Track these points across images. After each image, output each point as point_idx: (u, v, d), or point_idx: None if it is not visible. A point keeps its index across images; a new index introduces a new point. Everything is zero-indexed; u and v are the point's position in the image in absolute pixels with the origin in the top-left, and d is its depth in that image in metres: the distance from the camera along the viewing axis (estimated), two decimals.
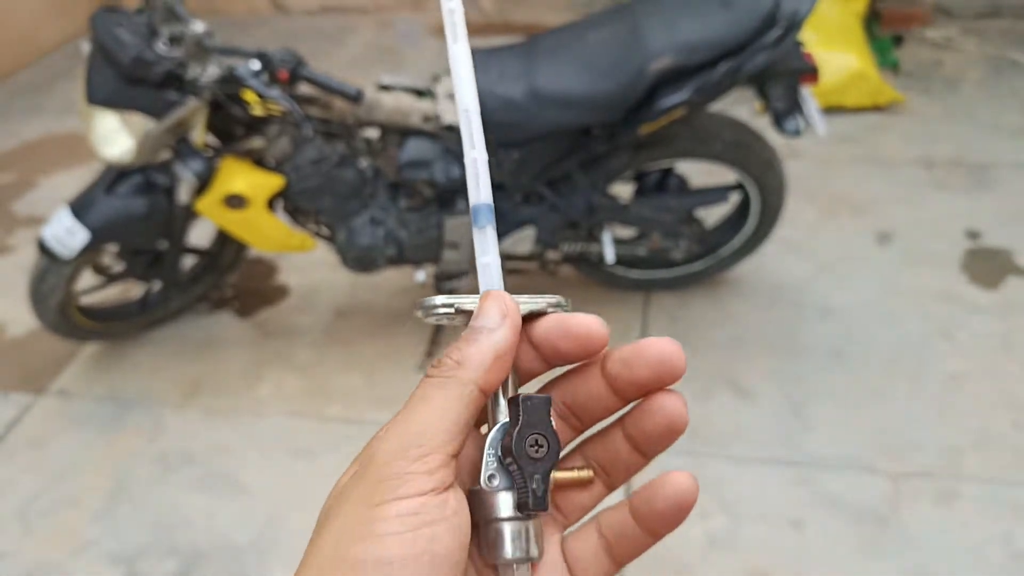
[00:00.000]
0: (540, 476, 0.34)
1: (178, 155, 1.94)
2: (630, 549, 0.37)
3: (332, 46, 4.35)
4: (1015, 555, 1.71)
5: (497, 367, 0.33)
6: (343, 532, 0.31)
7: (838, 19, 3.37)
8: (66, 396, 2.28)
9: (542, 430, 0.34)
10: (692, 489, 0.35)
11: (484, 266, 0.36)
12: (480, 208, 0.37)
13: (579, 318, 0.35)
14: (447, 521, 0.31)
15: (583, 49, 1.89)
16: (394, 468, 0.31)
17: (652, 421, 0.35)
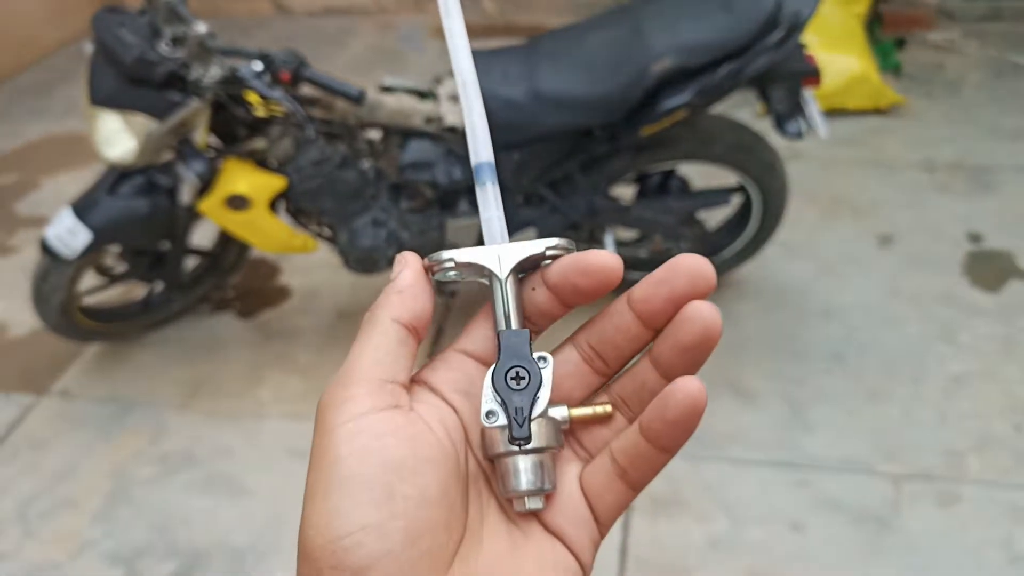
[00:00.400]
0: (521, 407, 0.35)
1: (180, 156, 1.95)
2: (644, 470, 0.37)
3: (334, 48, 4.35)
4: (1015, 558, 1.71)
5: (402, 300, 0.36)
6: (312, 467, 0.33)
7: (840, 22, 3.37)
8: (67, 397, 2.28)
9: (522, 362, 0.35)
10: (701, 392, 0.35)
11: (487, 220, 0.38)
12: (481, 166, 0.39)
13: (595, 254, 0.36)
14: (394, 434, 0.33)
15: (585, 51, 1.90)
16: (334, 400, 0.34)
17: (687, 330, 0.35)
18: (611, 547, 1.79)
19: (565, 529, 0.37)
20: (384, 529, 0.31)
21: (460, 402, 0.38)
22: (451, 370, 0.38)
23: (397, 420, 0.34)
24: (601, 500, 0.37)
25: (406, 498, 0.32)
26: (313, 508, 0.32)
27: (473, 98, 0.39)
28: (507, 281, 0.37)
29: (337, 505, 0.32)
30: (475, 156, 0.39)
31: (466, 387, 0.38)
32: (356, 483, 0.32)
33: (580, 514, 0.37)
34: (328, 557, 0.31)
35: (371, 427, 0.33)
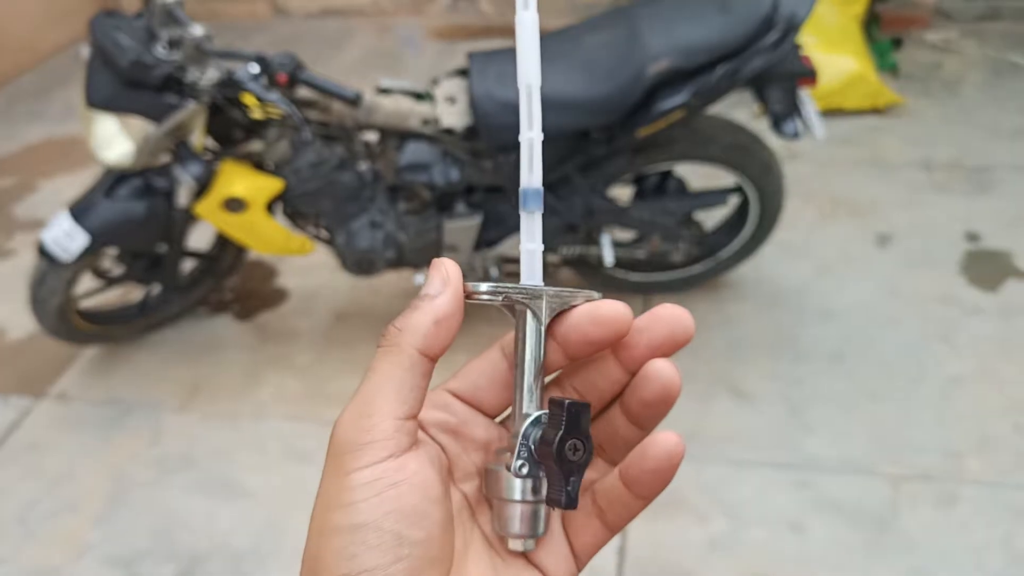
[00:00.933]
0: (576, 478, 0.36)
1: (177, 158, 1.95)
2: (621, 513, 0.39)
3: (332, 50, 4.35)
4: (1015, 558, 1.71)
5: (437, 331, 0.35)
6: (321, 505, 0.34)
7: (837, 22, 3.37)
8: (65, 400, 2.28)
9: (581, 435, 0.36)
10: (678, 447, 0.36)
11: (527, 252, 0.38)
12: (529, 192, 0.37)
13: (608, 304, 0.37)
14: (408, 481, 0.34)
15: (582, 52, 1.90)
16: (351, 440, 0.34)
17: (648, 388, 0.37)
18: (610, 548, 1.79)
19: (545, 562, 0.39)
20: (388, 571, 0.33)
21: (446, 441, 0.39)
22: (440, 412, 0.39)
23: (411, 466, 0.35)
24: (579, 538, 0.39)
25: (412, 543, 0.34)
26: (321, 544, 0.34)
27: (534, 111, 0.37)
28: (545, 328, 0.37)
29: (345, 548, 0.33)
30: (526, 179, 0.37)
31: (454, 427, 0.39)
32: (368, 530, 0.33)
33: (559, 549, 0.39)
34: None
35: (387, 475, 0.34)
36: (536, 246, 0.38)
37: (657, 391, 0.37)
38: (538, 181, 0.37)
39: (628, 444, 0.39)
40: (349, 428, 0.35)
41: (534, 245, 0.37)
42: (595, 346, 0.38)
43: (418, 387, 0.35)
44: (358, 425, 0.34)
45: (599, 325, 0.37)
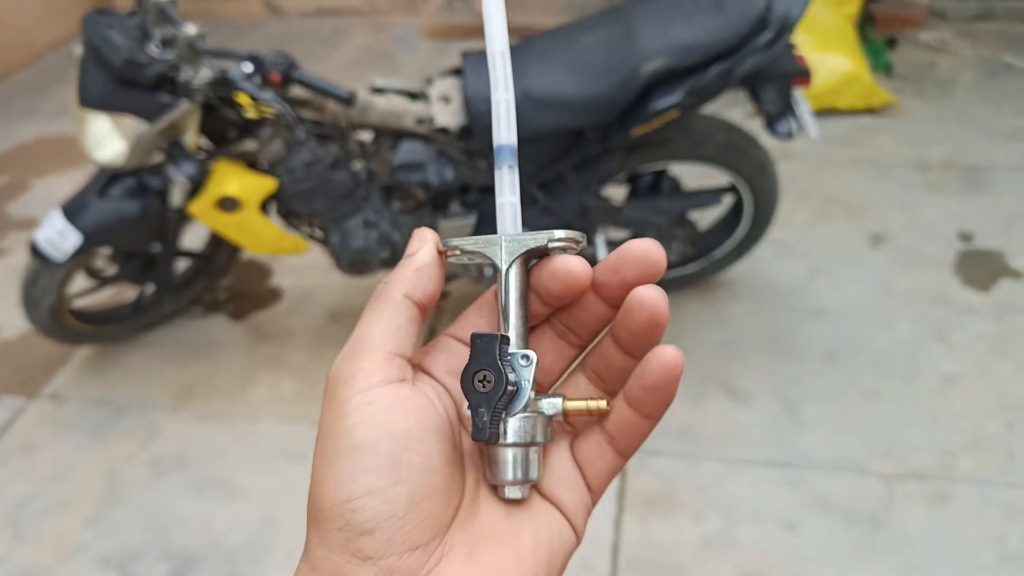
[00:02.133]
0: (484, 409, 0.36)
1: (171, 158, 1.94)
2: (631, 437, 0.39)
3: (327, 49, 4.34)
4: (1008, 556, 1.72)
5: (418, 277, 0.38)
6: (321, 436, 0.36)
7: (831, 21, 3.38)
8: (59, 400, 2.27)
9: (489, 366, 0.36)
10: (677, 360, 0.36)
11: (502, 205, 0.38)
12: (504, 148, 0.38)
13: (561, 259, 0.37)
14: (401, 406, 0.35)
15: (576, 51, 1.90)
16: (345, 371, 0.36)
17: (634, 318, 0.37)
18: (604, 545, 1.79)
19: (559, 495, 0.39)
20: (389, 494, 0.33)
21: (452, 383, 0.40)
22: (443, 354, 0.40)
23: (404, 393, 0.36)
24: (591, 467, 0.40)
25: (411, 466, 0.34)
26: (322, 473, 0.35)
27: (502, 75, 0.38)
28: (508, 273, 0.38)
29: (345, 471, 0.34)
30: (497, 136, 0.39)
31: (458, 368, 0.39)
32: (364, 451, 0.34)
33: (573, 481, 0.40)
34: (335, 519, 0.33)
35: (380, 399, 0.35)
36: (510, 199, 0.38)
37: (644, 320, 0.37)
38: (512, 138, 0.38)
39: (624, 373, 0.39)
40: (342, 363, 0.36)
41: (507, 198, 0.38)
42: (558, 299, 0.38)
43: (404, 327, 0.37)
44: (350, 359, 0.36)
45: (556, 280, 0.37)
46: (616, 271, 0.37)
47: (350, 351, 0.37)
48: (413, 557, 0.33)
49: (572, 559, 0.42)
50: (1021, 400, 2.05)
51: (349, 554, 0.33)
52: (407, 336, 0.37)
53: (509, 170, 0.38)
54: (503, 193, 0.38)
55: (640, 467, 1.96)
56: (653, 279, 0.37)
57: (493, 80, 0.38)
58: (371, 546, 0.33)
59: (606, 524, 1.84)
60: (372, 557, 0.33)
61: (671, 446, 2.00)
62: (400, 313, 0.37)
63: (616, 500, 1.89)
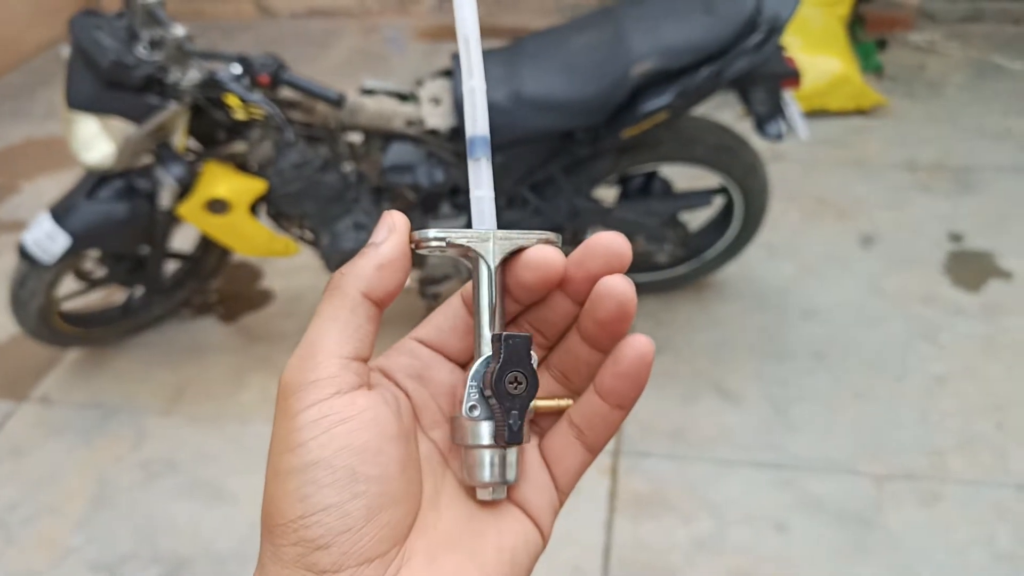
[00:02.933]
0: (517, 412, 0.35)
1: (159, 160, 1.93)
2: (601, 431, 0.38)
3: (318, 51, 4.34)
4: (997, 556, 1.72)
5: (380, 275, 0.35)
6: (273, 450, 0.34)
7: (821, 23, 3.39)
8: (48, 403, 2.26)
9: (522, 368, 0.35)
10: (648, 347, 0.36)
11: (477, 199, 0.37)
12: (476, 140, 0.37)
13: (537, 249, 0.36)
14: (358, 417, 0.33)
15: (566, 53, 1.90)
16: (298, 382, 0.34)
17: (603, 307, 0.36)
18: (595, 547, 1.79)
19: (526, 496, 0.38)
20: (345, 508, 0.32)
21: (413, 387, 0.38)
22: (405, 357, 0.39)
23: (360, 402, 0.34)
24: (560, 464, 0.39)
25: (368, 479, 0.33)
26: (276, 489, 0.33)
27: (475, 62, 0.37)
28: (497, 270, 0.37)
29: (299, 488, 0.32)
30: (471, 128, 0.37)
31: (420, 372, 0.39)
32: (320, 468, 0.32)
33: (540, 480, 0.39)
34: (289, 535, 0.32)
35: (335, 411, 0.33)
36: (485, 192, 0.37)
37: (612, 309, 0.36)
38: (484, 129, 0.37)
39: (590, 369, 0.39)
40: (294, 371, 0.34)
41: (482, 192, 0.37)
42: (532, 291, 0.37)
43: (362, 328, 0.35)
44: (302, 366, 0.34)
45: (530, 270, 0.36)
46: (582, 264, 0.36)
47: (302, 357, 0.34)
48: (371, 568, 0.33)
49: (563, 561, 0.42)
50: (1010, 400, 2.05)
51: (304, 568, 0.32)
52: (364, 337, 0.35)
53: (485, 162, 0.37)
54: (480, 187, 0.37)
55: (631, 469, 1.96)
56: (619, 271, 0.36)
57: (465, 66, 0.37)
58: (327, 560, 0.32)
59: (597, 526, 1.84)
60: (328, 571, 0.32)
61: (662, 448, 2.00)
62: (357, 314, 0.35)
63: (607, 502, 1.89)
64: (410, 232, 0.37)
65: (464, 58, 0.37)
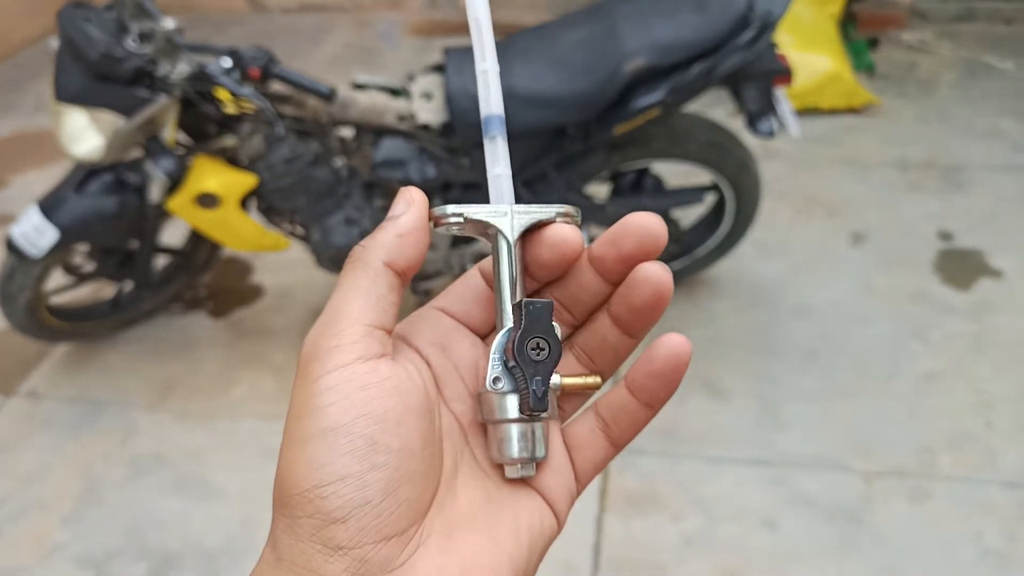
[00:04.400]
0: (540, 378, 0.35)
1: (149, 153, 1.92)
2: (626, 425, 0.38)
3: (310, 45, 4.32)
4: (985, 553, 1.73)
5: (400, 244, 0.35)
6: (291, 416, 0.33)
7: (813, 21, 3.39)
8: (36, 398, 2.24)
9: (543, 334, 0.35)
10: (685, 347, 0.36)
11: (495, 177, 0.37)
12: (491, 119, 0.37)
13: (555, 227, 0.36)
14: (379, 386, 0.33)
15: (558, 49, 1.89)
16: (320, 347, 0.33)
17: (639, 292, 0.36)
18: (585, 545, 1.79)
19: (544, 480, 0.38)
20: (364, 480, 0.31)
21: (435, 357, 0.38)
22: (428, 326, 0.38)
23: (382, 371, 0.33)
24: (582, 454, 0.38)
25: (388, 449, 0.32)
26: (292, 456, 0.32)
27: (487, 43, 0.37)
28: (516, 244, 0.37)
29: (317, 455, 0.31)
30: (485, 107, 0.37)
31: (442, 342, 0.38)
32: (338, 434, 0.31)
33: (561, 466, 0.38)
34: (305, 505, 0.31)
35: (356, 378, 0.32)
36: (503, 170, 0.37)
37: (648, 296, 0.36)
38: (498, 108, 0.37)
39: (617, 353, 0.38)
40: (316, 337, 0.34)
41: (500, 169, 0.37)
42: (550, 269, 0.37)
43: (385, 298, 0.35)
44: (324, 332, 0.34)
45: (548, 248, 0.36)
46: (615, 244, 0.36)
47: (325, 324, 0.34)
48: (388, 546, 0.31)
49: (553, 558, 0.42)
50: (999, 398, 2.06)
51: (319, 543, 0.31)
52: (388, 307, 0.35)
53: (501, 140, 0.37)
54: (497, 164, 0.37)
55: (622, 466, 1.96)
56: (654, 253, 0.36)
57: (477, 49, 0.37)
58: (343, 535, 0.31)
59: (588, 523, 1.84)
60: (344, 547, 0.31)
61: (653, 445, 2.00)
62: (379, 283, 0.35)
63: (598, 499, 1.89)
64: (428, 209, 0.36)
65: (476, 41, 0.37)
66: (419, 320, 0.39)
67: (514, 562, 0.35)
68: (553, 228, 0.36)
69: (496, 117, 0.37)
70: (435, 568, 0.32)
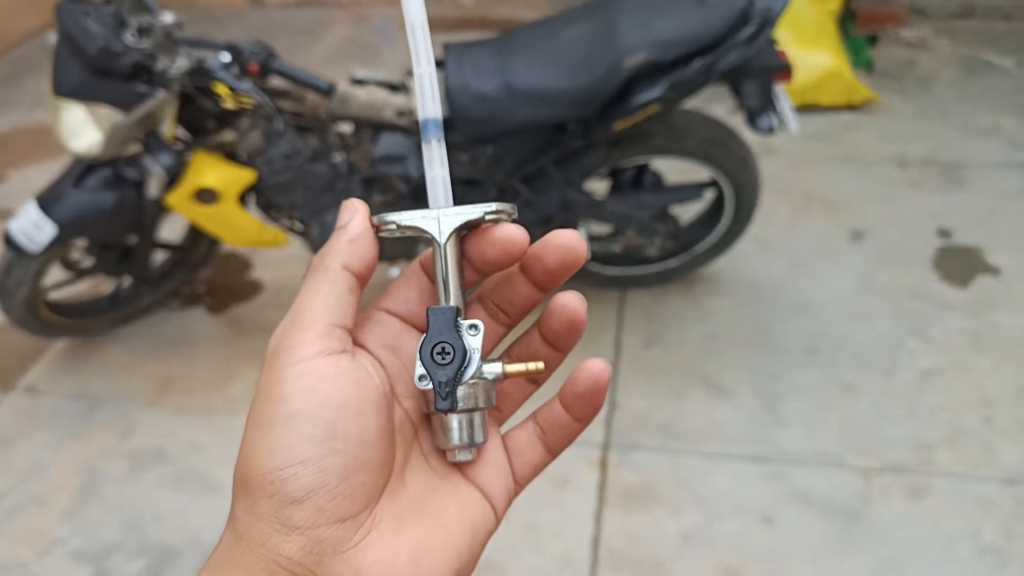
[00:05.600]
0: (443, 380, 0.37)
1: (147, 148, 1.92)
2: (561, 436, 0.41)
3: (308, 40, 4.31)
4: (983, 550, 1.73)
5: (353, 248, 0.38)
6: (256, 404, 0.35)
7: (813, 18, 3.39)
8: (34, 393, 2.24)
9: (447, 338, 0.38)
10: (604, 372, 0.39)
11: (432, 180, 0.39)
12: (429, 123, 0.39)
13: (501, 227, 0.39)
14: (340, 378, 0.35)
15: (558, 44, 1.89)
16: (285, 342, 0.36)
17: (556, 319, 0.40)
18: (584, 540, 1.79)
19: (485, 475, 0.41)
20: (322, 464, 0.33)
21: (385, 356, 0.40)
22: (376, 327, 0.40)
23: (342, 364, 0.35)
24: (522, 458, 0.42)
25: (347, 436, 0.34)
26: (256, 440, 0.34)
27: (422, 47, 0.38)
28: (446, 247, 0.38)
29: (279, 439, 0.33)
30: (423, 111, 0.39)
31: (391, 342, 0.40)
32: (300, 420, 0.33)
33: (499, 464, 0.41)
34: (265, 487, 0.33)
35: (318, 369, 0.35)
36: (439, 172, 0.39)
37: (564, 323, 0.39)
38: (436, 112, 0.39)
39: (549, 365, 0.41)
40: (280, 335, 0.36)
41: (436, 171, 0.39)
42: (495, 265, 0.40)
43: (344, 300, 0.37)
44: (290, 330, 0.36)
45: (494, 246, 0.39)
46: (540, 259, 0.39)
47: (290, 323, 0.36)
48: (342, 528, 0.33)
49: (552, 552, 0.42)
50: (998, 395, 2.07)
51: (278, 523, 0.33)
52: (347, 307, 0.37)
53: (437, 143, 0.39)
54: (432, 167, 0.39)
55: (621, 462, 1.96)
56: (575, 267, 0.39)
57: (414, 53, 0.38)
58: (300, 515, 0.33)
59: (587, 518, 1.84)
60: (301, 527, 0.33)
61: (651, 441, 2.01)
62: (338, 285, 0.37)
63: (596, 494, 1.89)
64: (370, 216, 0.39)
65: (412, 45, 0.38)
66: (367, 323, 0.40)
67: (459, 550, 0.37)
68: (500, 228, 0.38)
69: (433, 121, 0.39)
70: (387, 550, 0.35)
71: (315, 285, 0.37)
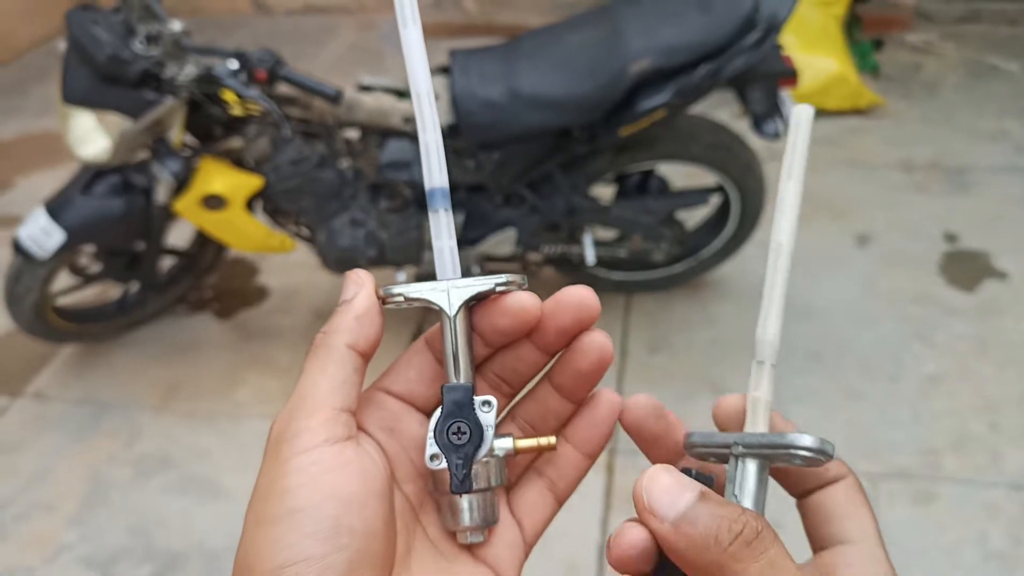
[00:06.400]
0: (461, 462, 0.36)
1: (156, 155, 1.93)
2: (571, 479, 0.41)
3: (315, 47, 4.33)
4: (989, 555, 1.73)
5: (359, 325, 0.36)
6: (257, 495, 0.34)
7: (818, 22, 3.39)
8: (42, 399, 2.25)
9: (464, 417, 0.37)
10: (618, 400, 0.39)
11: (439, 250, 0.38)
12: (435, 192, 0.38)
13: (513, 296, 0.38)
14: (346, 468, 0.34)
15: (563, 50, 1.89)
16: (289, 430, 0.34)
17: (585, 358, 0.38)
18: (589, 544, 1.79)
19: (493, 554, 0.39)
20: (327, 561, 0.32)
21: (384, 439, 0.39)
22: (375, 409, 0.39)
23: (348, 454, 0.34)
24: (531, 516, 0.41)
25: (352, 531, 0.33)
26: (257, 536, 0.33)
27: (428, 116, 0.37)
28: (455, 319, 0.37)
29: (283, 536, 0.32)
30: (429, 180, 0.38)
31: (390, 424, 0.39)
32: (305, 516, 0.32)
33: (508, 537, 0.40)
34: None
35: (324, 460, 0.33)
36: (446, 243, 0.38)
37: (595, 360, 0.38)
38: (442, 180, 0.38)
39: (559, 419, 0.40)
40: (285, 420, 0.35)
41: (443, 242, 0.38)
42: (507, 335, 0.38)
43: (350, 381, 0.36)
44: (294, 415, 0.35)
45: (507, 316, 0.37)
46: (553, 317, 0.38)
47: (294, 408, 0.35)
48: None
49: (558, 558, 0.42)
50: (1003, 400, 2.06)
51: None
52: (352, 389, 0.36)
53: (445, 213, 0.38)
54: (440, 237, 0.38)
55: (627, 466, 1.96)
56: (589, 323, 0.38)
57: (419, 121, 0.38)
58: None
59: (593, 523, 1.84)
60: None
61: None
62: (344, 366, 0.36)
63: (603, 499, 1.89)
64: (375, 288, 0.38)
65: (418, 113, 0.38)
66: (366, 404, 0.39)
67: None
68: (512, 297, 0.37)
69: (440, 190, 0.38)
70: None
71: (320, 365, 0.36)
